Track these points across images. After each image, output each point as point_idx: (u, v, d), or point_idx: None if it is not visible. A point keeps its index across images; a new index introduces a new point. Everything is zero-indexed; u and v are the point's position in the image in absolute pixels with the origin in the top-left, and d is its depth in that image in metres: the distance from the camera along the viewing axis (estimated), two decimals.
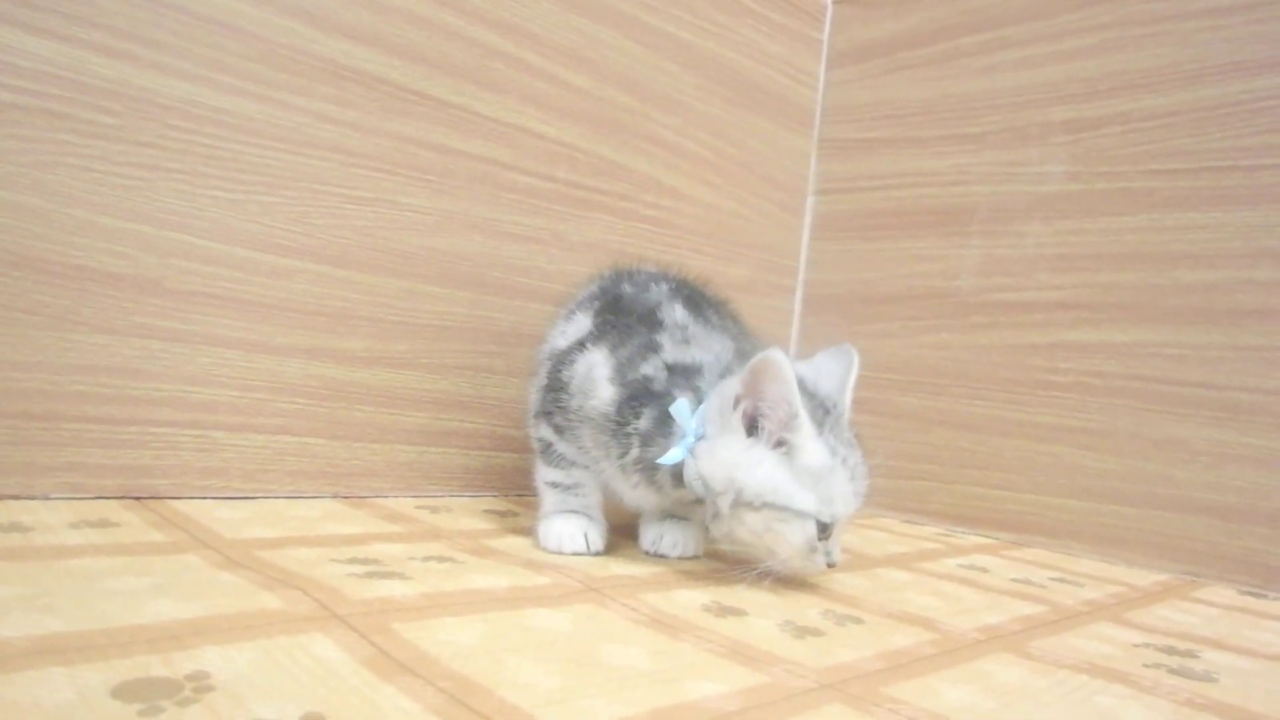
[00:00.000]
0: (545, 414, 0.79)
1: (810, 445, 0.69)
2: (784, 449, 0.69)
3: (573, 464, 0.79)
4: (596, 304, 0.81)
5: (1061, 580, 0.92)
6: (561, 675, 0.47)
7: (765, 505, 0.68)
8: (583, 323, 0.80)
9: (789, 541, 0.69)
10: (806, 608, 0.68)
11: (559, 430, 0.78)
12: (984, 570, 0.93)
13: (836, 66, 1.46)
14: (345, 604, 0.54)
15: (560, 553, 0.77)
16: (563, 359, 0.78)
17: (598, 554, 0.78)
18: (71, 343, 0.75)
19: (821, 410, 0.71)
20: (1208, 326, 1.04)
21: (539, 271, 1.07)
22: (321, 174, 0.89)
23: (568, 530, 0.77)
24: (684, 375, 0.73)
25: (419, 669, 0.45)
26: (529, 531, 0.84)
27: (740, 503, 0.68)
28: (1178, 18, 1.09)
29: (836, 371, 0.76)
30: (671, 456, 0.70)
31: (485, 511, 0.93)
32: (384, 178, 0.93)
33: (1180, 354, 1.06)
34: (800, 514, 0.68)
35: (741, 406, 0.69)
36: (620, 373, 0.74)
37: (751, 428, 0.69)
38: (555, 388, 0.78)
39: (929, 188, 1.31)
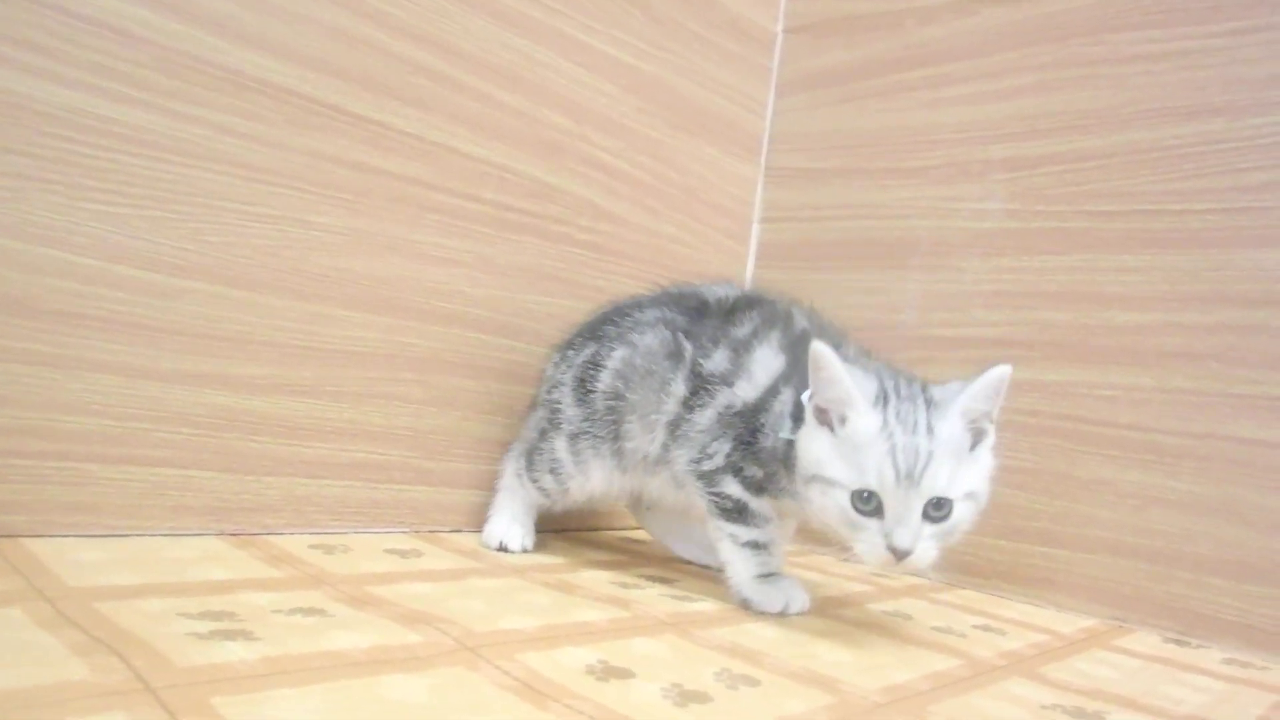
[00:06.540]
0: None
1: (854, 418, 0.73)
2: (842, 426, 0.74)
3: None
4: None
5: (985, 629, 0.89)
6: None
7: (813, 477, 0.75)
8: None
9: (830, 512, 0.74)
10: (703, 665, 0.64)
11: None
12: (907, 617, 0.90)
13: (786, 95, 1.44)
14: (167, 673, 0.48)
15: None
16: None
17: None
18: None
19: (892, 393, 0.74)
20: (1137, 369, 1.03)
21: (461, 296, 1.03)
22: (220, 189, 0.84)
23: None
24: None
25: None
26: (425, 576, 0.79)
27: (801, 477, 0.76)
28: (1113, 61, 1.09)
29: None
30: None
31: (387, 551, 0.88)
32: (292, 195, 0.89)
33: (1110, 395, 1.04)
34: (831, 482, 0.73)
35: (813, 401, 0.76)
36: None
37: (823, 418, 0.75)
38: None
39: (873, 220, 1.29)
